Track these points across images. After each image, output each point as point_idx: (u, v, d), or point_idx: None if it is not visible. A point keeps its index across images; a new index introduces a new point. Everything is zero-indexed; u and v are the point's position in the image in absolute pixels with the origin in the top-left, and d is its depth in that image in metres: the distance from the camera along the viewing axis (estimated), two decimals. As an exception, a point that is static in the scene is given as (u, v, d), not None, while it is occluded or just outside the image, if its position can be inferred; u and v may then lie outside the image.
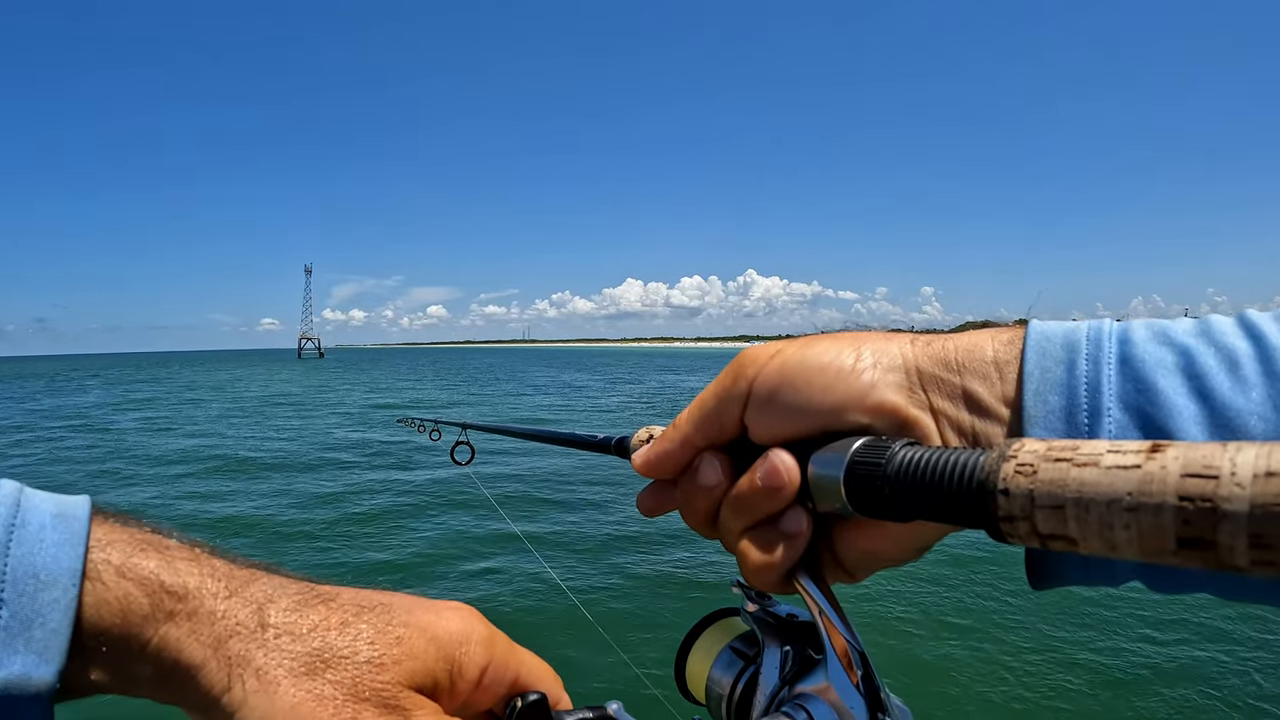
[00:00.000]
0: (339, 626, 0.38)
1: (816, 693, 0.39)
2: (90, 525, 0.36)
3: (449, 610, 0.42)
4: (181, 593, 0.36)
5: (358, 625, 0.39)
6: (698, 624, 0.49)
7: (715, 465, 0.43)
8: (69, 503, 0.37)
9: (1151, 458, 0.24)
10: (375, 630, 0.39)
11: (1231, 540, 0.21)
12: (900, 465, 0.33)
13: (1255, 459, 0.21)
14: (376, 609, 0.40)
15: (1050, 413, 0.35)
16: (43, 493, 0.38)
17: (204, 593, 0.37)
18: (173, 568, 0.37)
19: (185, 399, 29.19)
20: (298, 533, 8.59)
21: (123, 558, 0.36)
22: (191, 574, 0.37)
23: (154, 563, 0.37)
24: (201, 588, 0.37)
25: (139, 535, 0.38)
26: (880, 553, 0.41)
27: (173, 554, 0.38)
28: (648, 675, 3.71)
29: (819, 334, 0.43)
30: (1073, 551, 0.26)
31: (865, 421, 0.38)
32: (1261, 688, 4.40)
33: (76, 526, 0.36)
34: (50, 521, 0.35)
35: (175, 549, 0.39)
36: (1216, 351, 0.33)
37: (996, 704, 4.30)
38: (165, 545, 0.38)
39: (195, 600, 0.37)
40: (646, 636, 5.07)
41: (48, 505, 0.36)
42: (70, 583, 0.34)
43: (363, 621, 0.39)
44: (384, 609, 0.40)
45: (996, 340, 0.39)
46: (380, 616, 0.40)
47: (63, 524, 0.35)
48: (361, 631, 0.38)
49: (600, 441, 0.68)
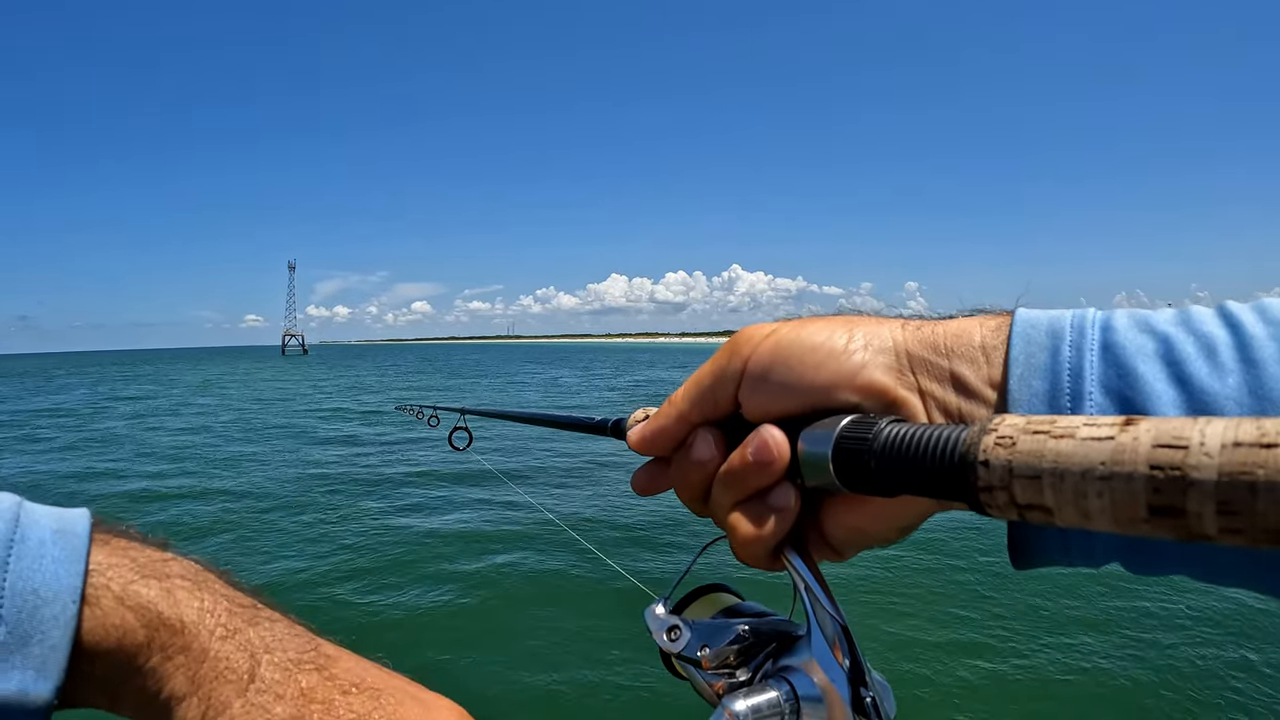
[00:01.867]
0: (324, 702, 0.37)
1: (800, 666, 0.40)
2: (90, 542, 0.36)
3: (439, 708, 0.41)
4: (178, 626, 0.36)
5: (343, 705, 0.38)
6: (684, 597, 0.49)
7: (709, 440, 0.44)
8: (69, 517, 0.37)
9: (1125, 430, 0.24)
10: (355, 716, 0.37)
11: (1200, 508, 0.22)
12: (886, 441, 0.34)
13: (1224, 431, 0.22)
14: (367, 693, 0.39)
15: (1034, 396, 0.36)
16: (42, 507, 0.37)
17: (200, 630, 0.37)
18: (172, 598, 0.37)
19: (162, 398, 29.26)
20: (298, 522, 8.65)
21: (122, 584, 0.36)
22: (190, 607, 0.37)
23: (154, 592, 0.36)
24: (199, 624, 0.37)
25: (139, 558, 0.38)
26: (867, 530, 0.41)
27: (174, 583, 0.38)
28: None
29: (814, 316, 0.44)
30: (1049, 522, 0.27)
31: (855, 400, 0.39)
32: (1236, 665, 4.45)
33: (76, 543, 0.35)
34: (50, 537, 0.35)
35: (177, 576, 0.38)
36: (1195, 339, 0.34)
37: (977, 680, 4.39)
38: (166, 572, 0.38)
39: (190, 635, 0.36)
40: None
41: (47, 520, 0.36)
42: (70, 600, 0.34)
43: (349, 702, 0.38)
44: (374, 695, 0.39)
45: (984, 326, 0.40)
46: (368, 702, 0.38)
47: (63, 540, 0.35)
48: (341, 716, 0.37)
49: (597, 424, 0.69)
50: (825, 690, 0.39)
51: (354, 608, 5.76)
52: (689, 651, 0.45)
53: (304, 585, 6.19)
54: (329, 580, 6.36)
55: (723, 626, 0.45)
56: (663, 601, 0.49)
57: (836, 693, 0.38)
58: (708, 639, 0.44)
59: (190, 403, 26.10)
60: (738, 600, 0.49)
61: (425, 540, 7.57)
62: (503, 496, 9.10)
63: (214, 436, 16.65)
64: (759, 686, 0.40)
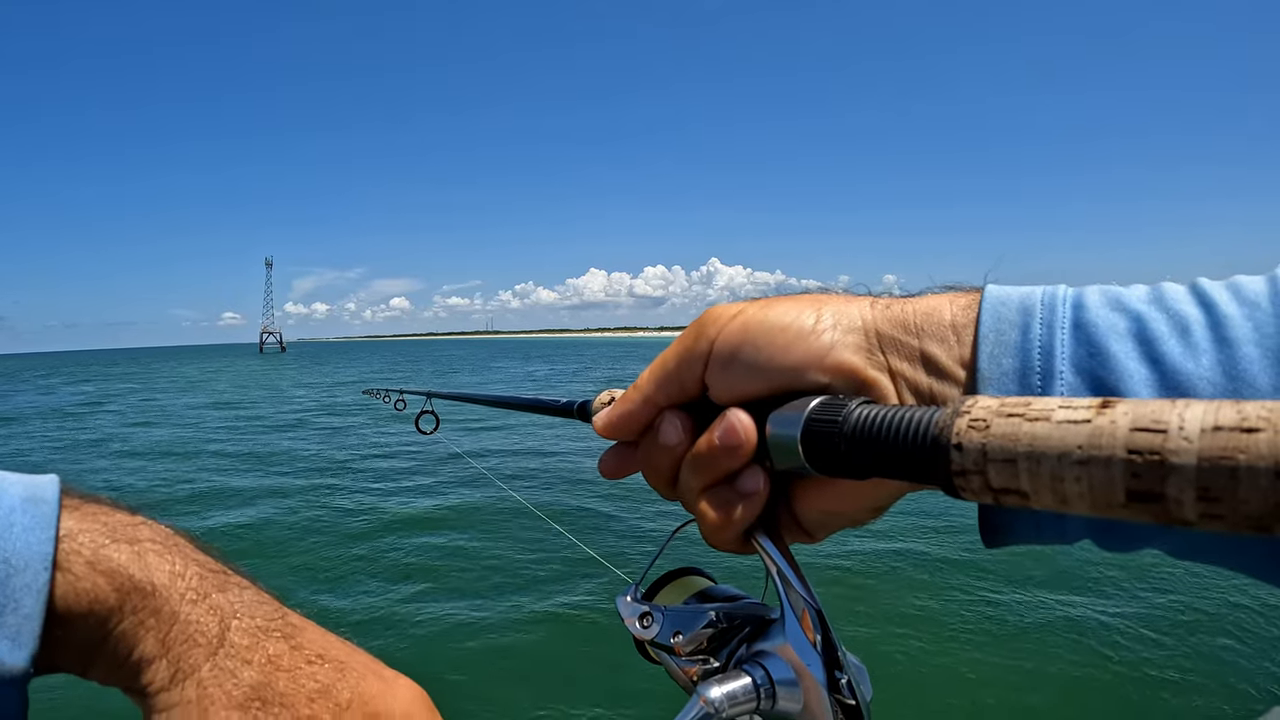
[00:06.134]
0: (289, 670, 0.37)
1: (774, 651, 0.40)
2: (60, 508, 0.35)
3: (400, 687, 0.41)
4: (149, 589, 0.36)
5: (307, 674, 0.38)
6: (655, 582, 0.49)
7: (676, 424, 0.43)
8: (37, 484, 0.36)
9: (1102, 413, 0.24)
10: (320, 686, 0.38)
11: (1179, 493, 0.21)
12: (856, 423, 0.33)
13: (1203, 415, 0.21)
14: (331, 664, 0.39)
15: (1004, 375, 0.35)
16: (11, 474, 0.36)
17: (171, 593, 0.36)
18: (143, 562, 0.36)
19: (138, 395, 28.49)
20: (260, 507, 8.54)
21: (94, 549, 0.35)
22: (161, 570, 0.37)
23: (124, 555, 0.36)
24: (170, 587, 0.36)
25: (110, 522, 0.37)
26: (839, 512, 0.41)
27: (144, 546, 0.37)
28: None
29: (781, 295, 0.43)
30: (1025, 507, 0.26)
31: (824, 381, 0.38)
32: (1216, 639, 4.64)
33: (46, 510, 0.35)
34: (19, 505, 0.34)
35: (147, 540, 0.38)
36: (1168, 318, 0.33)
37: (954, 660, 4.49)
38: (137, 536, 0.37)
39: (161, 598, 0.36)
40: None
41: (16, 488, 0.35)
42: (42, 567, 0.33)
43: (313, 671, 0.38)
44: (338, 667, 0.39)
45: (955, 304, 0.39)
46: (332, 673, 0.39)
47: (32, 507, 0.35)
48: (305, 684, 0.38)
49: (563, 406, 0.68)
50: (800, 673, 0.38)
51: (315, 590, 5.73)
52: (662, 638, 0.44)
53: (264, 572, 6.11)
54: (292, 567, 6.32)
55: (695, 612, 0.44)
56: (634, 587, 0.48)
57: (811, 676, 0.38)
58: (680, 625, 0.44)
59: (167, 403, 25.45)
60: (710, 584, 0.49)
61: (389, 523, 7.56)
62: (471, 480, 9.09)
63: (182, 430, 16.32)
64: (733, 673, 0.40)
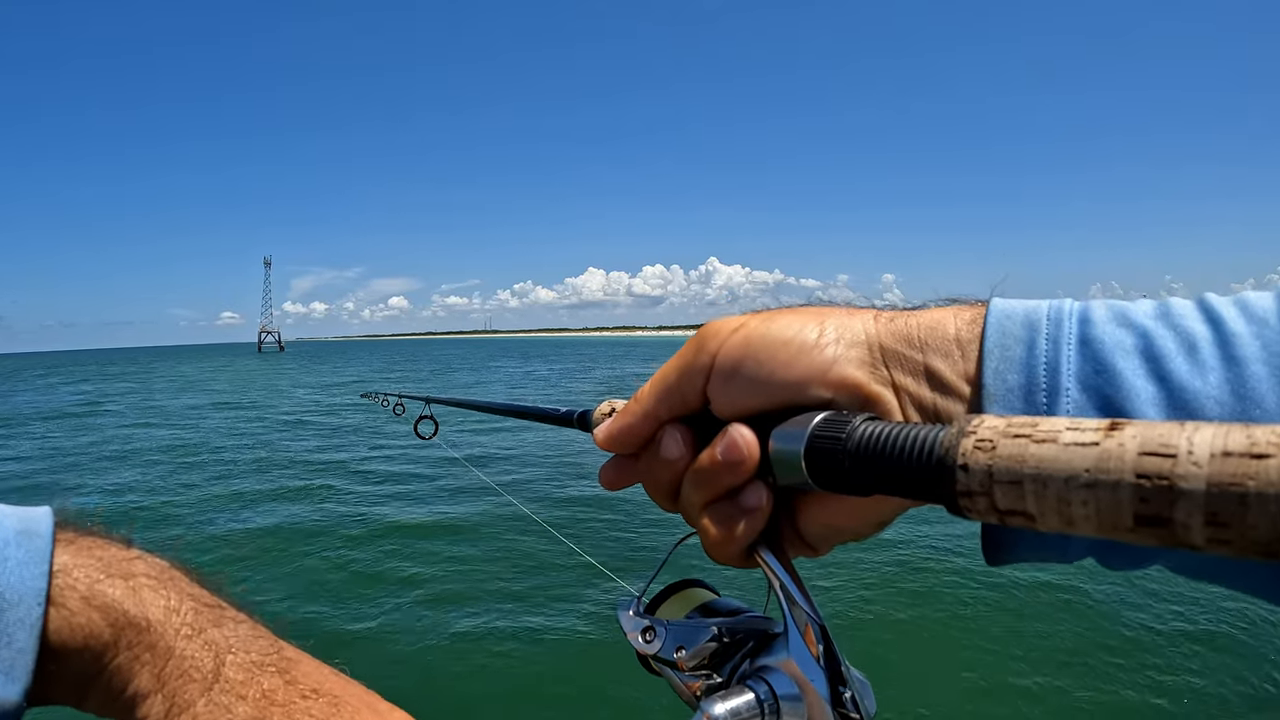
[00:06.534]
0: (284, 705, 0.38)
1: (778, 666, 0.40)
2: (54, 542, 0.36)
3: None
4: (144, 625, 0.36)
5: (302, 709, 0.38)
6: (658, 594, 0.49)
7: (677, 438, 0.42)
8: (31, 517, 0.36)
9: (1110, 435, 0.23)
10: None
11: (1188, 518, 0.21)
12: (860, 440, 0.33)
13: (1212, 439, 0.21)
14: (326, 698, 0.39)
15: (1009, 391, 0.35)
16: (5, 507, 0.37)
17: (166, 628, 0.37)
18: (138, 597, 0.37)
19: (136, 395, 28.42)
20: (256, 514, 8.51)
21: (88, 584, 0.36)
22: (156, 606, 0.37)
23: (119, 591, 0.36)
24: (165, 623, 0.37)
25: (105, 557, 0.37)
26: (842, 527, 0.41)
27: (139, 581, 0.37)
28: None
29: (783, 308, 0.43)
30: (1030, 527, 0.26)
31: (827, 396, 0.38)
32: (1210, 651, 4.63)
33: (39, 544, 0.35)
34: (13, 539, 0.34)
35: (142, 575, 0.38)
36: (1175, 335, 0.33)
37: (958, 675, 4.45)
38: (131, 571, 0.38)
39: (156, 634, 0.36)
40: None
41: (10, 522, 0.35)
42: (35, 602, 0.33)
43: (308, 706, 0.38)
44: (333, 702, 0.39)
45: (959, 318, 0.39)
46: (326, 708, 0.39)
47: (26, 541, 0.35)
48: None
49: (563, 415, 0.68)
50: (804, 688, 0.38)
51: (312, 598, 5.69)
52: (665, 653, 0.44)
53: (259, 583, 6.08)
54: (289, 574, 6.27)
55: (698, 626, 0.44)
56: (636, 600, 0.48)
57: (815, 691, 0.38)
58: (683, 639, 0.44)
59: (166, 404, 25.38)
60: (713, 596, 0.49)
61: (386, 530, 7.51)
62: (470, 486, 9.05)
63: (180, 431, 16.29)
64: (737, 688, 0.39)
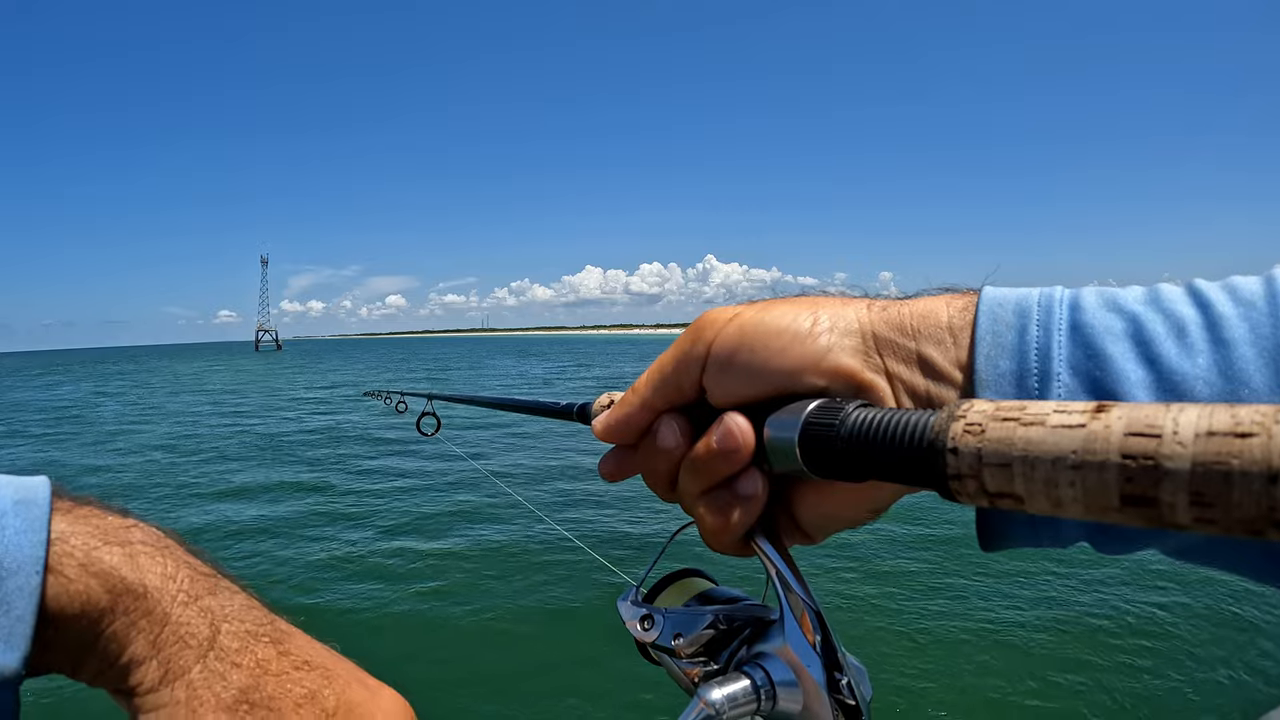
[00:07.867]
0: (278, 674, 0.38)
1: (774, 652, 0.40)
2: (51, 511, 0.36)
3: (384, 697, 0.42)
4: (141, 591, 0.36)
5: (295, 680, 0.39)
6: (656, 584, 0.49)
7: (674, 428, 0.43)
8: (28, 486, 0.36)
9: (1096, 417, 0.24)
10: (306, 692, 0.39)
11: (1173, 498, 0.21)
12: (853, 426, 0.33)
13: (1197, 419, 0.21)
14: (319, 670, 0.40)
15: (1001, 376, 0.35)
16: (1, 476, 0.37)
17: (163, 595, 0.37)
18: (135, 563, 0.37)
19: (134, 392, 28.41)
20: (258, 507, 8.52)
21: (86, 551, 0.36)
22: (153, 572, 0.37)
23: (117, 557, 0.36)
24: (162, 589, 0.37)
25: (102, 524, 0.38)
26: (837, 514, 0.41)
27: (136, 548, 0.38)
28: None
29: (777, 298, 0.43)
30: (1019, 510, 0.26)
31: (821, 385, 0.38)
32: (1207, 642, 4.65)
33: (37, 512, 0.35)
34: (11, 507, 0.35)
35: (139, 542, 0.38)
36: (1165, 319, 0.33)
37: (953, 661, 4.48)
38: (128, 539, 0.38)
39: (153, 600, 0.36)
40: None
41: (7, 490, 0.35)
42: (33, 570, 0.33)
43: (300, 677, 0.39)
44: (325, 674, 0.40)
45: (951, 306, 0.39)
46: (318, 680, 0.39)
47: (23, 509, 0.35)
48: (293, 690, 0.38)
49: (563, 409, 0.69)
50: (800, 675, 0.39)
51: (312, 590, 5.71)
52: (663, 641, 0.45)
53: (257, 572, 6.13)
54: (289, 567, 6.29)
55: (696, 614, 0.44)
56: (635, 589, 0.48)
57: (811, 677, 0.38)
58: (681, 627, 0.44)
59: (163, 402, 25.42)
60: (711, 585, 0.49)
61: (388, 524, 7.55)
62: (471, 480, 9.09)
63: (179, 429, 16.30)
64: (733, 675, 0.40)
